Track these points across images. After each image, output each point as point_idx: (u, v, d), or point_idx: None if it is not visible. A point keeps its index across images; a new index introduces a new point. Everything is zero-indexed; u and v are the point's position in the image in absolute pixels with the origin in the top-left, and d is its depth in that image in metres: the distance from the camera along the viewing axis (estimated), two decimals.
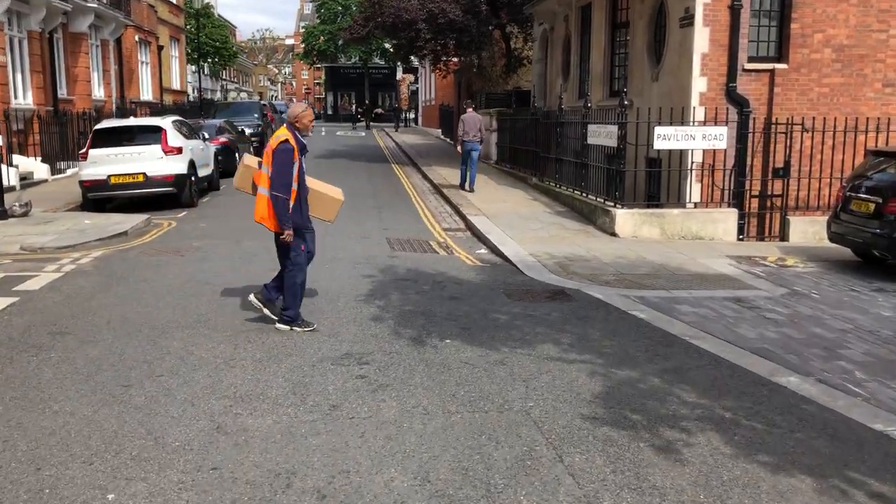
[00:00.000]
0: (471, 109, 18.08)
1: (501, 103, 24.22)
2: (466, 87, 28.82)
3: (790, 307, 7.88)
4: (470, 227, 13.43)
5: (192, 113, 31.22)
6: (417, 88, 57.38)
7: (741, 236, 12.24)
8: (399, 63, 50.35)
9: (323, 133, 43.45)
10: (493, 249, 11.30)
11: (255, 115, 27.15)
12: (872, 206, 9.54)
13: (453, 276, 9.24)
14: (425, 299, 7.90)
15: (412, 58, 32.05)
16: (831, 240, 10.48)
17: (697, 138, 11.97)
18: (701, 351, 6.31)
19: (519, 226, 12.97)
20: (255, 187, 6.81)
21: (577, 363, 5.92)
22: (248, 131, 24.33)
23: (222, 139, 20.19)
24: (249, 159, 7.27)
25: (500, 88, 25.91)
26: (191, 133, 16.43)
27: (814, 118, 12.36)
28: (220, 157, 18.94)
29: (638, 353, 6.24)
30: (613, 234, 12.09)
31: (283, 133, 6.53)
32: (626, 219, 12.06)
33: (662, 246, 11.39)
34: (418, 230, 13.13)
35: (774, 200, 12.56)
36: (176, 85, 38.09)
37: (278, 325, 6.77)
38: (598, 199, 13.39)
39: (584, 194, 14.26)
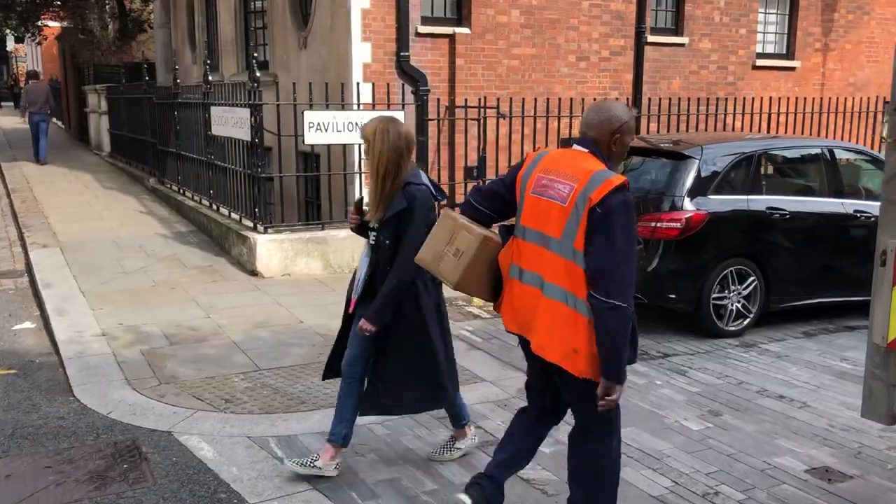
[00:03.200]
0: (33, 81, 17.16)
1: (115, 78, 18.72)
2: (71, 57, 22.53)
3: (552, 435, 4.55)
4: (30, 269, 8.47)
5: None
6: (26, 61, 47.47)
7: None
8: (11, 31, 40.61)
9: None
10: (46, 322, 6.64)
11: None
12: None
13: None
14: None
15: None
16: None
17: None
18: None
19: (108, 265, 8.34)
20: (497, 280, 3.26)
21: None
22: None
23: None
24: (470, 224, 3.25)
25: (115, 59, 20.28)
26: None
27: (511, 99, 9.47)
28: None
29: None
30: (255, 274, 8.06)
31: (594, 165, 2.99)
32: (271, 249, 8.08)
33: (328, 290, 7.64)
34: None
35: None
36: None
37: None
38: (234, 217, 9.24)
39: (215, 207, 9.99)
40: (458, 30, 10.03)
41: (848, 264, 6.88)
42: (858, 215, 6.84)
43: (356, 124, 8.30)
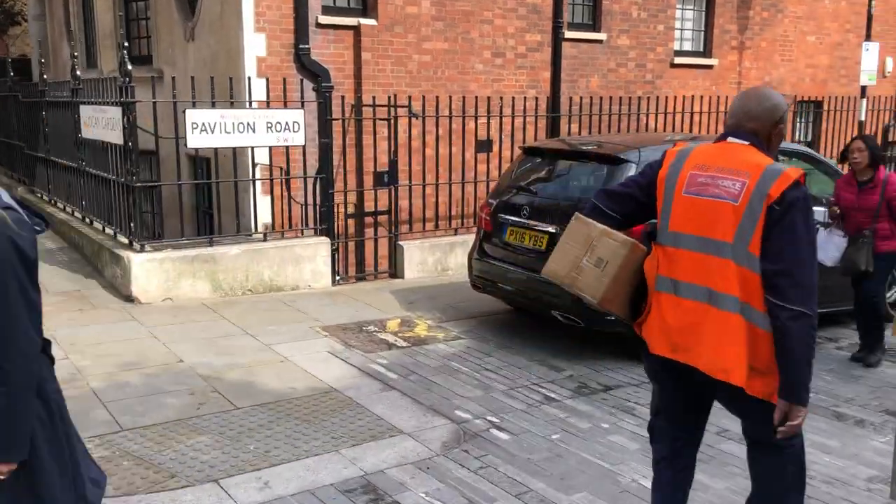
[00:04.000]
0: None
1: None
2: None
3: None
4: None
5: None
6: None
7: (338, 277, 8.01)
8: None
9: None
10: None
11: None
12: (545, 239, 5.92)
13: None
14: None
15: None
16: (476, 286, 6.73)
17: (259, 129, 7.36)
18: None
19: None
20: (637, 294, 2.85)
21: None
22: None
23: None
24: (610, 229, 2.81)
25: None
26: None
27: (423, 97, 8.62)
28: None
29: None
30: (130, 299, 6.92)
31: (762, 159, 2.65)
32: (150, 269, 6.96)
33: (216, 317, 6.59)
34: None
35: (379, 219, 8.57)
36: None
37: None
38: (109, 232, 8.03)
39: (89, 221, 8.75)
40: (364, 21, 9.11)
41: None
42: None
43: (248, 125, 7.29)
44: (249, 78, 7.69)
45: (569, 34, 10.71)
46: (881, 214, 5.60)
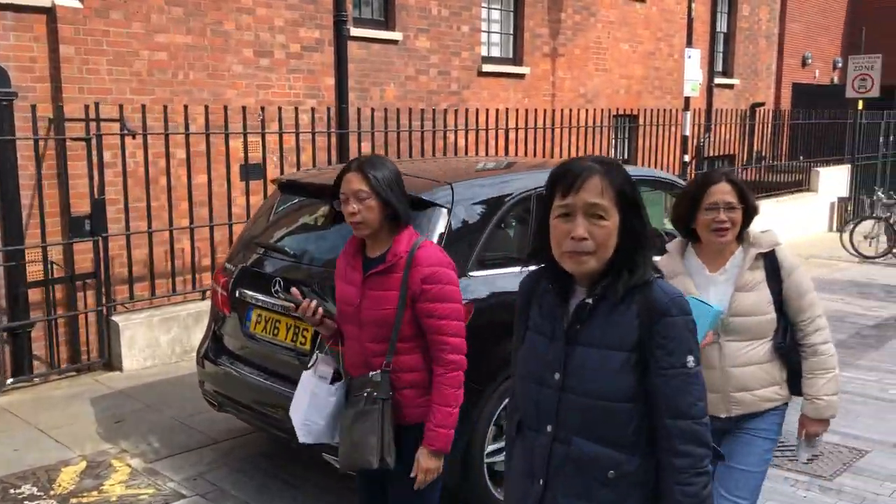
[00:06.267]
0: None
1: None
2: None
3: None
4: None
5: None
6: None
7: (10, 381, 5.26)
8: None
9: None
10: None
11: None
12: (309, 332, 3.65)
13: None
14: None
15: None
16: (209, 401, 4.29)
17: None
18: None
19: None
20: None
21: None
22: None
23: None
24: None
25: None
26: None
27: (143, 107, 6.05)
28: None
29: None
30: None
31: None
32: None
33: None
34: None
35: (86, 284, 5.88)
36: None
37: None
38: None
39: None
40: (61, 2, 6.43)
41: None
42: None
43: None
44: None
45: (356, 31, 8.55)
46: (405, 333, 2.58)
